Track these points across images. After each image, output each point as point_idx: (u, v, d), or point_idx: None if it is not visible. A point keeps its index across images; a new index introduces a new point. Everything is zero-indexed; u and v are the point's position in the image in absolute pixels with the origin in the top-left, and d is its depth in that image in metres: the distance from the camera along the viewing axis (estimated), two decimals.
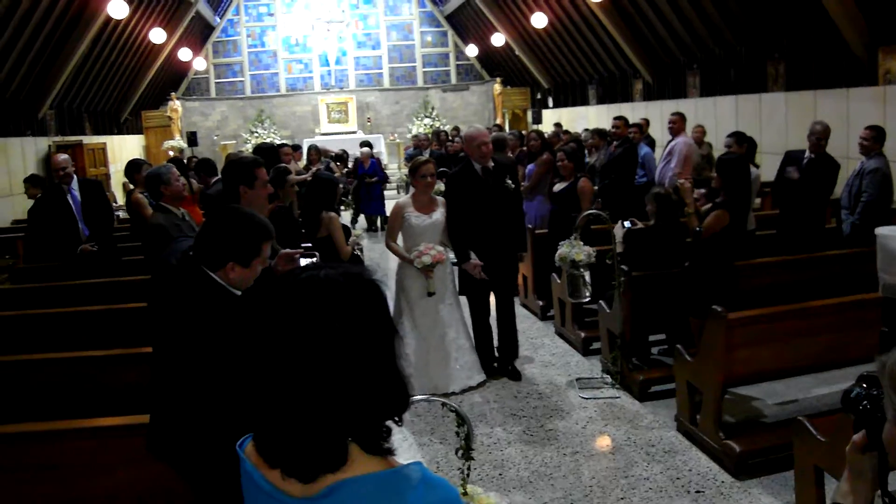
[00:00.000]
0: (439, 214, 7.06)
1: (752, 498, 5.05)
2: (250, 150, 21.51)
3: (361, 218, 17.07)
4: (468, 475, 3.51)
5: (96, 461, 4.34)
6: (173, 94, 26.88)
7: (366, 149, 17.14)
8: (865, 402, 1.90)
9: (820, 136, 8.44)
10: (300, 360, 1.46)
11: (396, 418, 1.56)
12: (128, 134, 24.59)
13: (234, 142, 27.46)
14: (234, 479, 1.68)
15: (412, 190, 7.36)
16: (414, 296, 7.04)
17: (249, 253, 3.28)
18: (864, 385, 1.94)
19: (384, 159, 23.03)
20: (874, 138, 8.05)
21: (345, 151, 17.18)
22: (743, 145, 9.00)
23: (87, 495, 4.33)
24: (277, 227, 6.15)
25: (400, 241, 7.16)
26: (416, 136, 22.42)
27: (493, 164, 7.14)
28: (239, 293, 3.36)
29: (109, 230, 9.11)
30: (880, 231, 3.76)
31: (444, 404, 3.48)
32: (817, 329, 5.83)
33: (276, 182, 6.91)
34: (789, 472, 4.87)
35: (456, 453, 3.50)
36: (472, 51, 29.54)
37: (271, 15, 30.25)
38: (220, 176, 7.95)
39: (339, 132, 27.77)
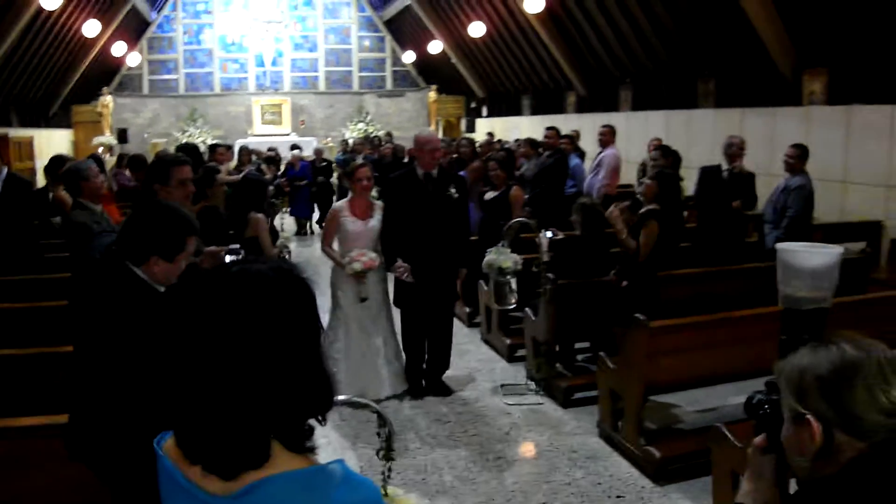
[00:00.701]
0: (376, 221, 6.91)
1: (671, 502, 5.15)
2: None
3: (290, 220, 16.94)
4: (389, 476, 3.51)
5: (14, 461, 4.25)
6: (105, 89, 26.42)
7: (296, 151, 17.10)
8: (766, 405, 2.00)
9: (739, 148, 8.71)
10: (226, 353, 1.45)
11: (320, 418, 1.56)
12: (56, 128, 24.10)
13: (165, 140, 27.07)
14: (152, 480, 1.66)
15: (350, 195, 7.18)
16: (346, 301, 6.93)
17: (173, 247, 3.24)
18: (765, 391, 2.03)
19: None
20: (798, 156, 8.31)
21: (277, 153, 17.04)
22: (668, 158, 9.20)
23: (3, 496, 4.24)
24: (204, 226, 6.09)
25: (336, 245, 7.04)
26: (344, 142, 22.33)
27: (437, 171, 6.95)
28: (162, 290, 3.32)
29: (22, 231, 8.66)
30: (780, 246, 3.89)
31: (366, 405, 3.48)
32: (737, 339, 5.94)
33: (204, 181, 6.84)
34: (707, 477, 4.96)
35: (377, 454, 3.50)
36: (408, 57, 29.60)
37: (209, 13, 29.99)
38: None
39: (272, 134, 27.52)
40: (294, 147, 17.54)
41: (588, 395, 6.79)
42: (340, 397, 3.57)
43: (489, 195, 9.01)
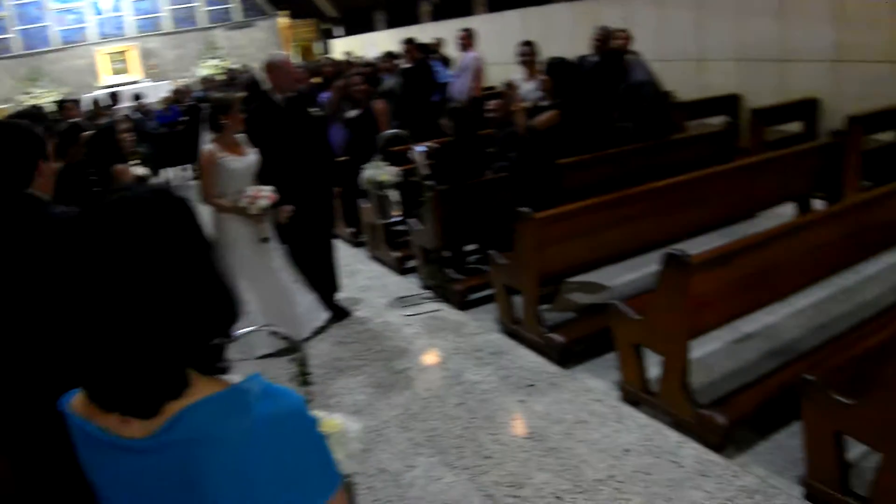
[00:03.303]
0: (253, 155, 6.31)
1: (581, 383, 5.30)
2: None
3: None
4: (310, 401, 3.48)
5: None
6: None
7: (166, 94, 16.51)
8: None
9: (600, 38, 8.75)
10: (120, 283, 1.38)
11: (228, 337, 1.52)
12: None
13: (7, 105, 25.66)
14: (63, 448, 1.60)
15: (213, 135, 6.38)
16: (245, 246, 6.30)
17: (39, 146, 3.16)
18: None
19: None
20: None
21: (115, 95, 16.29)
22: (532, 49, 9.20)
23: None
24: (67, 187, 5.82)
25: None
26: (205, 79, 21.65)
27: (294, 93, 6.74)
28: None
29: None
30: None
31: (273, 332, 3.42)
32: (620, 219, 6.12)
33: (68, 140, 6.52)
34: (611, 353, 5.15)
35: (293, 381, 3.46)
36: None
37: None
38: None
39: (122, 83, 26.35)
40: (137, 96, 16.84)
41: (483, 295, 6.92)
42: (244, 329, 3.50)
43: (352, 113, 8.89)
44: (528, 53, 9.02)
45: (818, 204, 7.71)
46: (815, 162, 7.52)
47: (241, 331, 3.41)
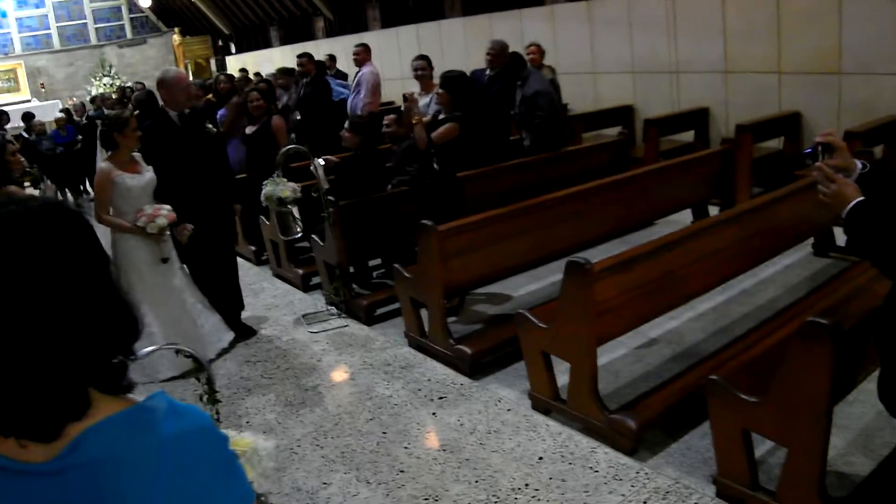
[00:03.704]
0: (151, 172, 6.17)
1: (491, 393, 5.31)
2: None
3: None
4: (219, 419, 3.42)
5: None
6: None
7: (61, 114, 16.05)
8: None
9: (495, 53, 8.79)
10: (11, 301, 1.31)
11: (131, 355, 1.47)
12: None
13: None
14: None
15: (103, 154, 6.37)
16: (144, 267, 6.15)
17: None
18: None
19: None
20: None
21: (2, 115, 15.77)
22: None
23: None
24: None
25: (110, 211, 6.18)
26: (96, 97, 21.08)
27: (189, 110, 6.60)
28: None
29: None
30: None
31: (178, 350, 3.35)
32: (521, 230, 6.19)
33: None
34: (520, 363, 5.20)
35: (200, 399, 3.39)
36: (145, 1, 28.14)
37: None
38: None
39: (10, 103, 25.38)
40: (28, 116, 16.29)
41: (390, 309, 6.92)
42: (148, 348, 3.42)
43: (249, 129, 8.76)
44: (423, 68, 9.00)
45: (714, 210, 7.93)
46: (708, 169, 7.75)
47: (144, 350, 3.34)
